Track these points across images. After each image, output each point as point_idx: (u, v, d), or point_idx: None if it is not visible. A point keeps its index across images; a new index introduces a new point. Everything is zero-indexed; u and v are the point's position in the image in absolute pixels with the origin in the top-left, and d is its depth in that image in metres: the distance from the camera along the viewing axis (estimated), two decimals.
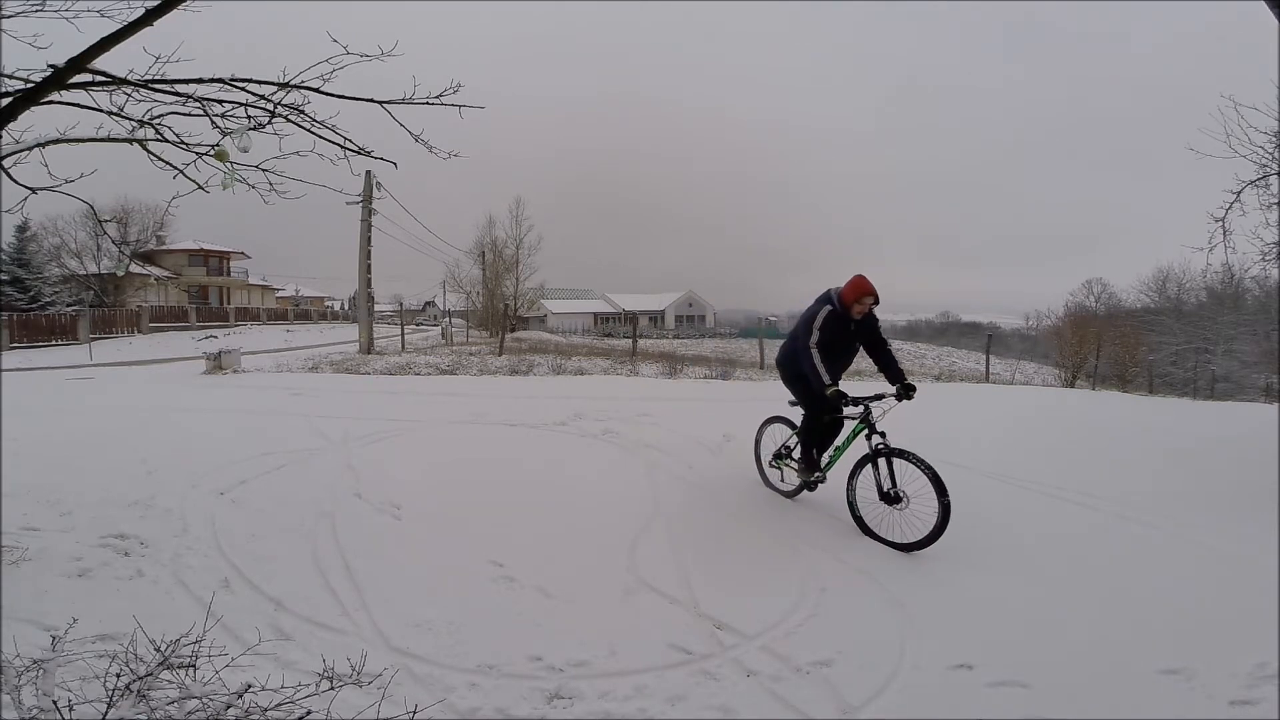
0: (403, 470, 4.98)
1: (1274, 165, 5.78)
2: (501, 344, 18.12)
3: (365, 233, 18.55)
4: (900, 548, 3.80)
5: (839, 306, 4.24)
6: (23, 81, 2.76)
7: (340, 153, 3.24)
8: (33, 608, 2.74)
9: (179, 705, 1.65)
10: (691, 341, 44.94)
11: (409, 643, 2.77)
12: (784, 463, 4.75)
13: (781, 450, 4.78)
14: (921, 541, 3.74)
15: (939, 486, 3.68)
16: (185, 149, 3.04)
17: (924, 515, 3.75)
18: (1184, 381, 29.98)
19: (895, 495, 3.91)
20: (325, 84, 2.97)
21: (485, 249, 44.39)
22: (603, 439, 6.12)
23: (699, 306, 73.11)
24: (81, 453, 5.04)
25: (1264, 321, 28.46)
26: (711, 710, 2.43)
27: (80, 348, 20.85)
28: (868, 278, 4.24)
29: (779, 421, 4.96)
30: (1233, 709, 2.44)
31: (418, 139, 3.27)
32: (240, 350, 12.63)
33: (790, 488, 4.71)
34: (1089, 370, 25.52)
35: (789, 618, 3.05)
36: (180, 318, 31.00)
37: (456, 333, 34.72)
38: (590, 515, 4.26)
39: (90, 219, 27.17)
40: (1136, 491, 4.84)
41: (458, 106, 3.17)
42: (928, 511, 3.73)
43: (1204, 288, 34.60)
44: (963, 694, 2.53)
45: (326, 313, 51.85)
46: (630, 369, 12.52)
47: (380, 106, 3.12)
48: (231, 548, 3.53)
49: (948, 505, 3.66)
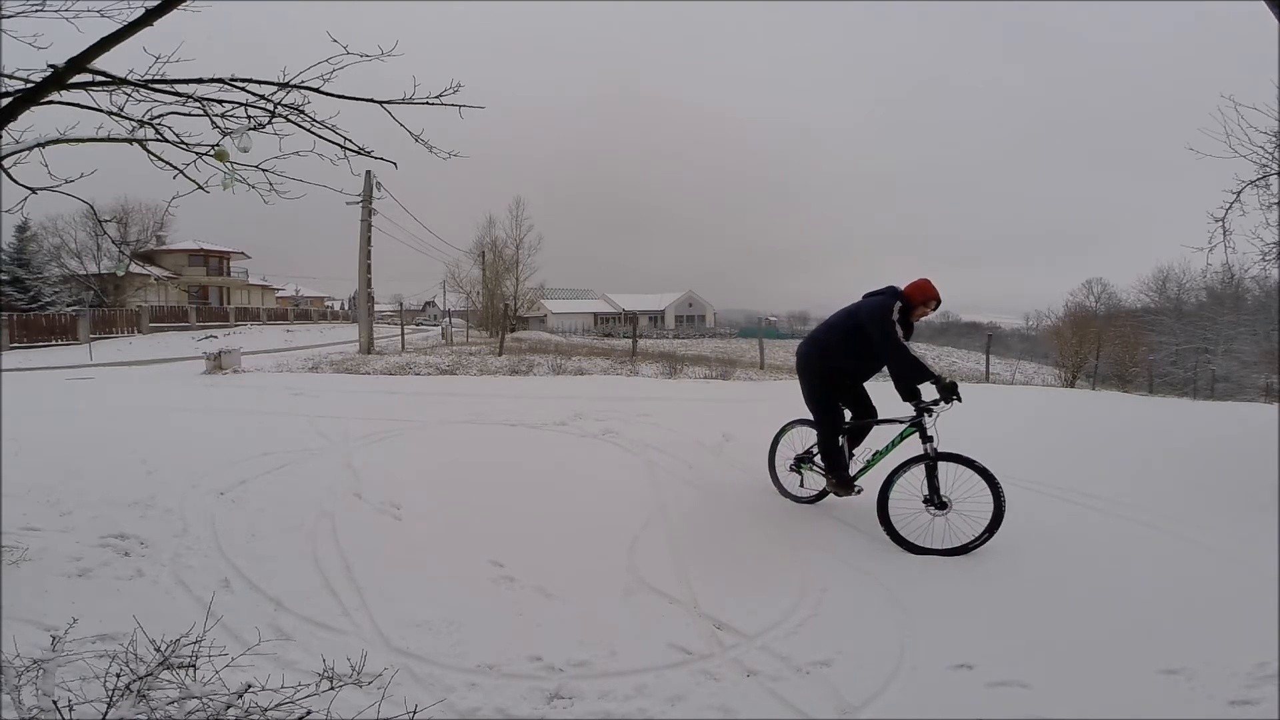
0: (403, 470, 4.98)
1: (1274, 165, 5.78)
2: (501, 344, 18.12)
3: (365, 233, 18.55)
4: (948, 553, 3.71)
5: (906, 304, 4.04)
6: (23, 81, 2.76)
7: (340, 153, 3.25)
8: (33, 608, 2.74)
9: (179, 705, 1.65)
10: (691, 341, 44.96)
11: (409, 643, 2.77)
12: (806, 468, 4.56)
13: (804, 455, 4.58)
14: (973, 543, 3.71)
15: (992, 482, 3.68)
16: (185, 149, 3.05)
17: (969, 516, 3.75)
18: (1184, 381, 29.97)
19: (944, 501, 3.83)
20: (325, 84, 2.98)
21: (485, 249, 44.44)
22: (603, 439, 6.12)
23: (699, 306, 73.12)
24: (81, 453, 5.04)
25: (1264, 321, 28.46)
26: (711, 710, 2.43)
27: (80, 348, 20.85)
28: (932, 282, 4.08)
29: (803, 425, 4.68)
30: (1233, 709, 2.44)
31: (418, 139, 3.27)
32: (240, 350, 12.63)
33: (809, 494, 4.53)
34: (1089, 370, 25.54)
35: (789, 618, 3.05)
36: (180, 318, 31.00)
37: (456, 333, 34.73)
38: (590, 515, 4.26)
39: (90, 219, 27.17)
40: (1136, 491, 4.84)
41: (458, 106, 3.17)
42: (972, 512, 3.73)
43: (1204, 288, 34.61)
44: (963, 694, 2.53)
45: (326, 313, 51.83)
46: (630, 369, 12.52)
47: (380, 106, 3.12)
48: (231, 548, 3.53)
49: (1002, 501, 3.66)
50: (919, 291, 4.06)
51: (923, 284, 4.09)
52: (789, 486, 4.66)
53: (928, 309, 4.09)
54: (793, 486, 4.64)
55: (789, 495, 4.64)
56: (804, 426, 4.66)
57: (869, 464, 4.27)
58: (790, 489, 4.65)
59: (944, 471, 3.87)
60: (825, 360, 4.27)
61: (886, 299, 4.08)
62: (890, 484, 3.93)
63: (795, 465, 4.63)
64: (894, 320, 3.94)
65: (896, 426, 4.12)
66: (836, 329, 4.26)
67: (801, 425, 4.69)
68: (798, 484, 4.61)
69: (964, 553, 3.70)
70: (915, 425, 3.98)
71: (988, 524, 3.71)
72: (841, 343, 4.22)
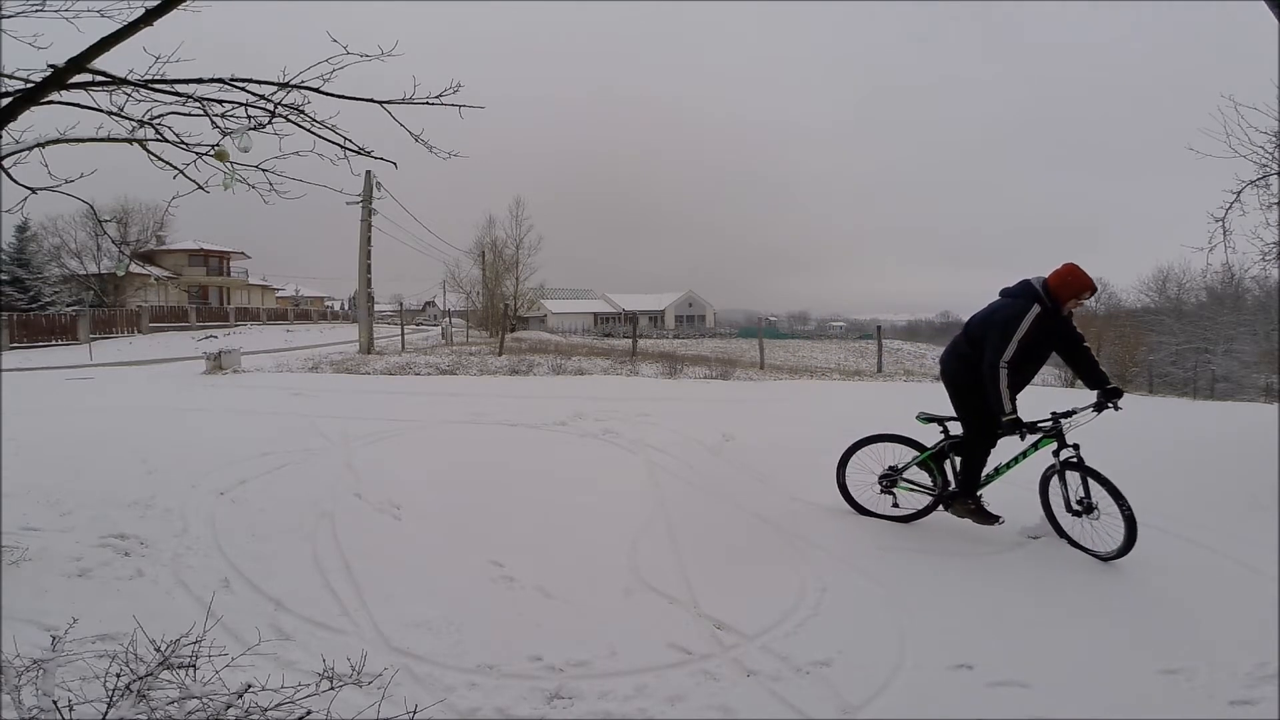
0: (403, 470, 4.98)
1: (1274, 165, 5.78)
2: (501, 344, 18.12)
3: (365, 233, 18.56)
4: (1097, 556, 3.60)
5: (1050, 303, 3.53)
6: (23, 81, 2.76)
7: (340, 153, 3.25)
8: (33, 608, 2.74)
9: (179, 705, 1.65)
10: (691, 341, 44.93)
11: (409, 643, 2.76)
12: (902, 487, 4.16)
13: (893, 474, 4.17)
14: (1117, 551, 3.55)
15: (1117, 496, 3.49)
16: (185, 149, 3.05)
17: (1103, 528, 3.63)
18: (1184, 381, 29.96)
19: (1089, 505, 3.62)
20: (325, 84, 2.98)
21: (485, 249, 44.44)
22: (603, 439, 6.12)
23: (699, 306, 73.14)
24: (81, 453, 5.04)
25: (1264, 321, 28.42)
26: (711, 710, 2.43)
27: (80, 348, 20.85)
28: (1081, 267, 3.53)
29: (888, 441, 4.24)
30: (1233, 709, 2.44)
31: (418, 139, 3.27)
32: (240, 350, 12.64)
33: (912, 510, 4.13)
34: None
35: (789, 618, 3.04)
36: (180, 318, 31.02)
37: (456, 333, 34.73)
38: (590, 515, 4.26)
39: (90, 219, 27.19)
40: (1136, 491, 4.81)
41: (458, 106, 3.17)
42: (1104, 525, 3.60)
43: (1204, 288, 34.55)
44: (963, 694, 2.53)
45: (326, 313, 51.89)
46: (630, 369, 12.52)
47: (380, 106, 3.12)
48: (231, 548, 3.53)
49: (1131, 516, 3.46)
50: (1065, 283, 3.52)
51: (1069, 271, 3.53)
52: (875, 507, 4.24)
53: (1079, 301, 3.56)
54: (880, 507, 4.23)
55: (877, 515, 4.23)
56: (882, 444, 4.27)
57: (987, 479, 3.94)
58: (876, 509, 4.24)
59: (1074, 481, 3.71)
60: (972, 371, 3.76)
61: (1013, 305, 3.56)
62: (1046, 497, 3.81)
63: (886, 486, 4.20)
64: (1016, 337, 3.48)
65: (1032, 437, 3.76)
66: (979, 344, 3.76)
67: (887, 441, 4.27)
68: (890, 504, 4.22)
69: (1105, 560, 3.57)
70: (1053, 434, 3.68)
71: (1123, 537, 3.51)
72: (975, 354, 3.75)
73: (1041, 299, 3.53)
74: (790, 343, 49.44)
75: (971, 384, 3.76)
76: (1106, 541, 3.62)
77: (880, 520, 4.20)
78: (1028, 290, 3.59)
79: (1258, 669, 2.63)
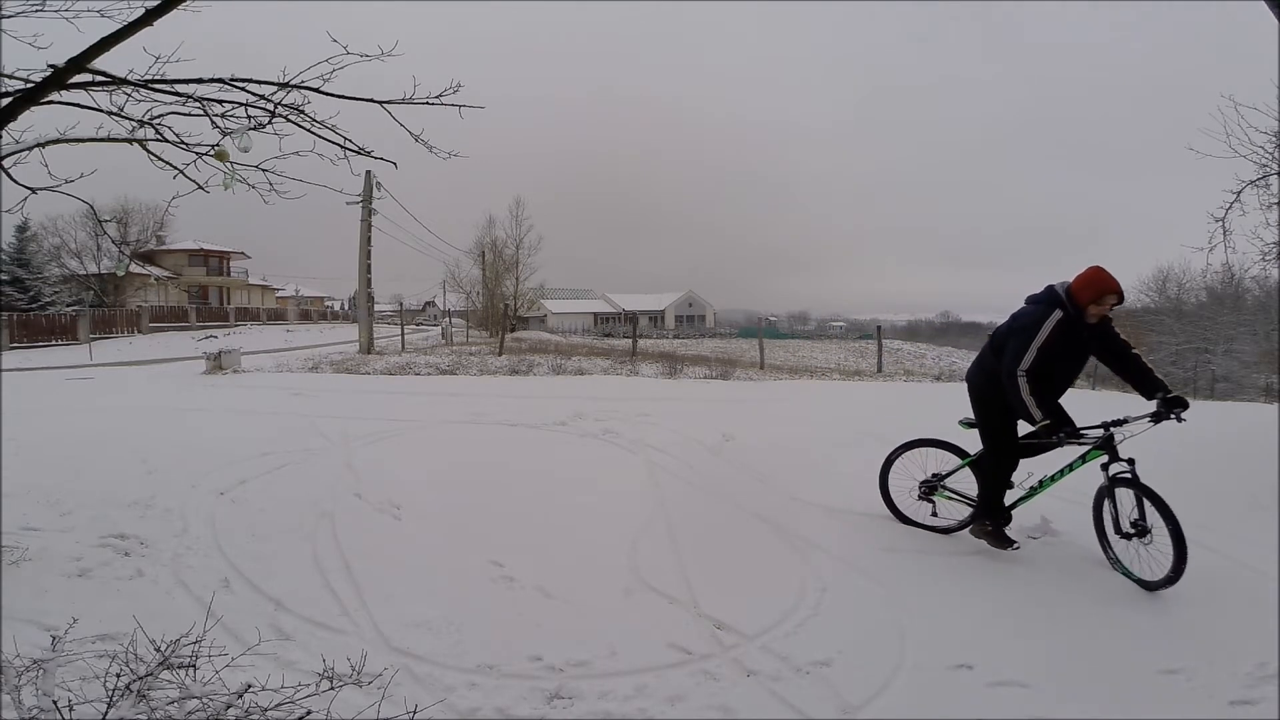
0: (403, 470, 4.98)
1: (1274, 165, 5.78)
2: (501, 344, 18.12)
3: (365, 233, 18.55)
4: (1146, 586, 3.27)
5: (1072, 309, 3.39)
6: (23, 81, 2.76)
7: (340, 153, 3.25)
8: (33, 608, 2.74)
9: (179, 705, 1.65)
10: (691, 341, 44.91)
11: (409, 643, 2.77)
12: (941, 495, 4.00)
13: (934, 481, 4.01)
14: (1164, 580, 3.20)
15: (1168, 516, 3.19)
16: (185, 149, 3.05)
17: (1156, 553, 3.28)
18: (1184, 381, 29.93)
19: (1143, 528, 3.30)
20: (325, 84, 2.98)
21: (485, 249, 44.45)
22: (603, 439, 6.12)
23: (699, 306, 73.14)
24: (81, 453, 5.04)
25: (1264, 321, 28.40)
26: (711, 710, 2.43)
27: (80, 348, 20.85)
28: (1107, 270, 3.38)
29: (930, 445, 4.08)
30: (1233, 709, 2.44)
31: (418, 139, 3.27)
32: (240, 350, 12.64)
33: (949, 523, 3.96)
34: (1089, 370, 25.51)
35: (789, 618, 3.04)
36: (180, 318, 31.02)
37: (456, 333, 34.72)
38: (590, 515, 4.26)
39: (90, 219, 27.19)
40: None
41: (458, 106, 3.17)
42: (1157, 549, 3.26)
43: (1204, 288, 34.52)
44: (963, 694, 2.53)
45: (326, 313, 51.90)
46: (630, 369, 12.52)
47: (380, 106, 3.12)
48: (231, 548, 3.53)
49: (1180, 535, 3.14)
50: (1088, 287, 3.35)
51: (1093, 275, 3.36)
52: (915, 516, 4.11)
53: (1103, 308, 3.39)
54: (920, 516, 4.09)
55: (916, 524, 4.08)
56: (927, 448, 4.12)
57: (1028, 494, 3.74)
58: (916, 518, 4.09)
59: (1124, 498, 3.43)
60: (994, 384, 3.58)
61: (1034, 310, 3.43)
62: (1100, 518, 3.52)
63: (925, 493, 4.04)
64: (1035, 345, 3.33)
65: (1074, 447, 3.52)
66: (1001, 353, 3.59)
67: (923, 446, 4.13)
68: (929, 513, 4.07)
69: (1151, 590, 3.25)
70: (1103, 447, 3.43)
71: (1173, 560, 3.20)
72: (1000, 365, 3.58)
73: (1063, 304, 3.40)
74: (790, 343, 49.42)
75: (994, 398, 3.61)
76: (1155, 571, 3.26)
77: (880, 520, 4.18)
78: (1049, 295, 3.49)
79: (1258, 669, 2.63)
